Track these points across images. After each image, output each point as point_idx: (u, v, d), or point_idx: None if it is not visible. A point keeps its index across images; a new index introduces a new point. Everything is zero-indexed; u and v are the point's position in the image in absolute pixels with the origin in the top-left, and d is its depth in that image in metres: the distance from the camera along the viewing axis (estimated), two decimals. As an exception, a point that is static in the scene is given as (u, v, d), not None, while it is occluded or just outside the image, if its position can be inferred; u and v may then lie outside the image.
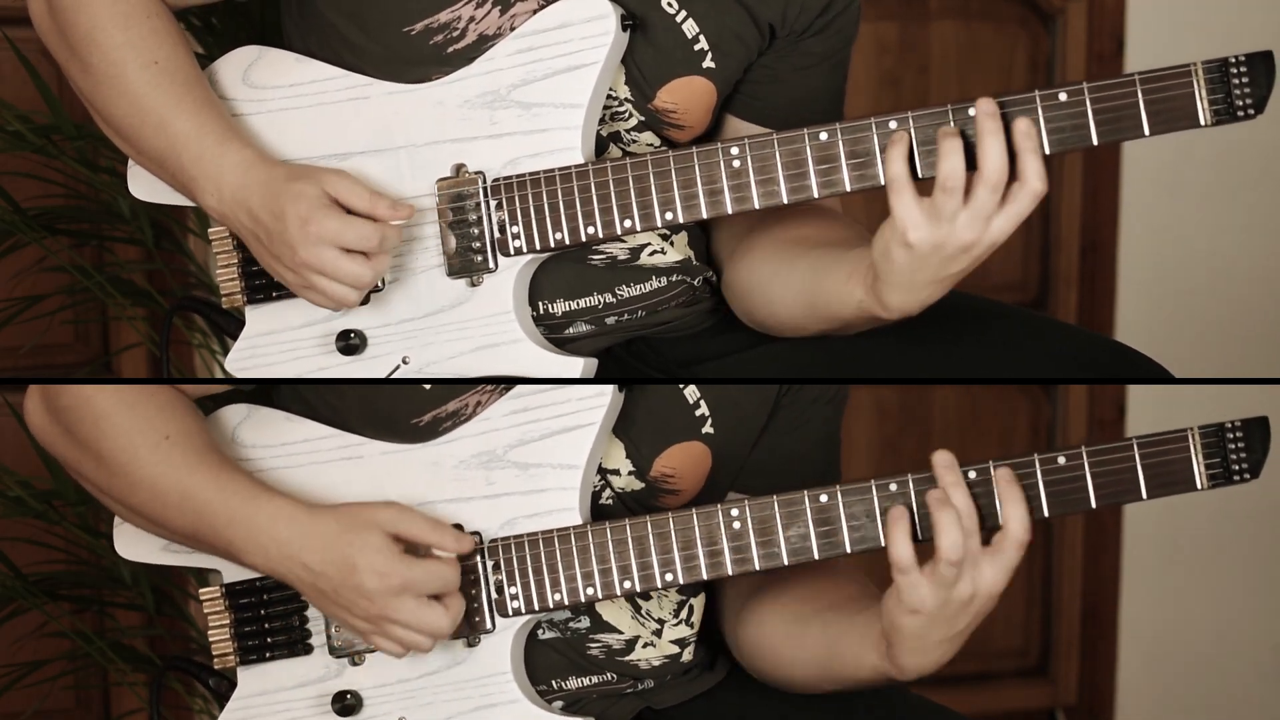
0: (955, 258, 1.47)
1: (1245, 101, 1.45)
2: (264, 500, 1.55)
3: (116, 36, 1.59)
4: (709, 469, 1.65)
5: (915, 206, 1.46)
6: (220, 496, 1.55)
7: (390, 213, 1.56)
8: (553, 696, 1.64)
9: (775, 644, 1.64)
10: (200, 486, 1.56)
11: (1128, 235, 3.13)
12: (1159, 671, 3.26)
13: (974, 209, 1.45)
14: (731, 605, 1.71)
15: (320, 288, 1.56)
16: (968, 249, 1.47)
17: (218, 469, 1.57)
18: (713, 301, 1.73)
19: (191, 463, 1.57)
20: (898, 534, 1.49)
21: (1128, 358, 1.64)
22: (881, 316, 1.54)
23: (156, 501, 1.58)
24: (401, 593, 1.51)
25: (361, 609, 1.52)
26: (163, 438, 1.58)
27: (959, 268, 1.48)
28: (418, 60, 1.60)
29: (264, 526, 1.54)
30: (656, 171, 1.56)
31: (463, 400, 1.60)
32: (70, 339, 2.74)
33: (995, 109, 1.46)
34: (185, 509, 1.56)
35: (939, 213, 1.46)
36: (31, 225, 2.23)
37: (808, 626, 1.61)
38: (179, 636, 2.48)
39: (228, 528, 1.55)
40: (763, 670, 1.67)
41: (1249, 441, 1.48)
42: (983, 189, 1.45)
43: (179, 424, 1.59)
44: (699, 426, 1.63)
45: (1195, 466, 1.48)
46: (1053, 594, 3.25)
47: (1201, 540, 3.18)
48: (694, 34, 1.62)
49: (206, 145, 1.57)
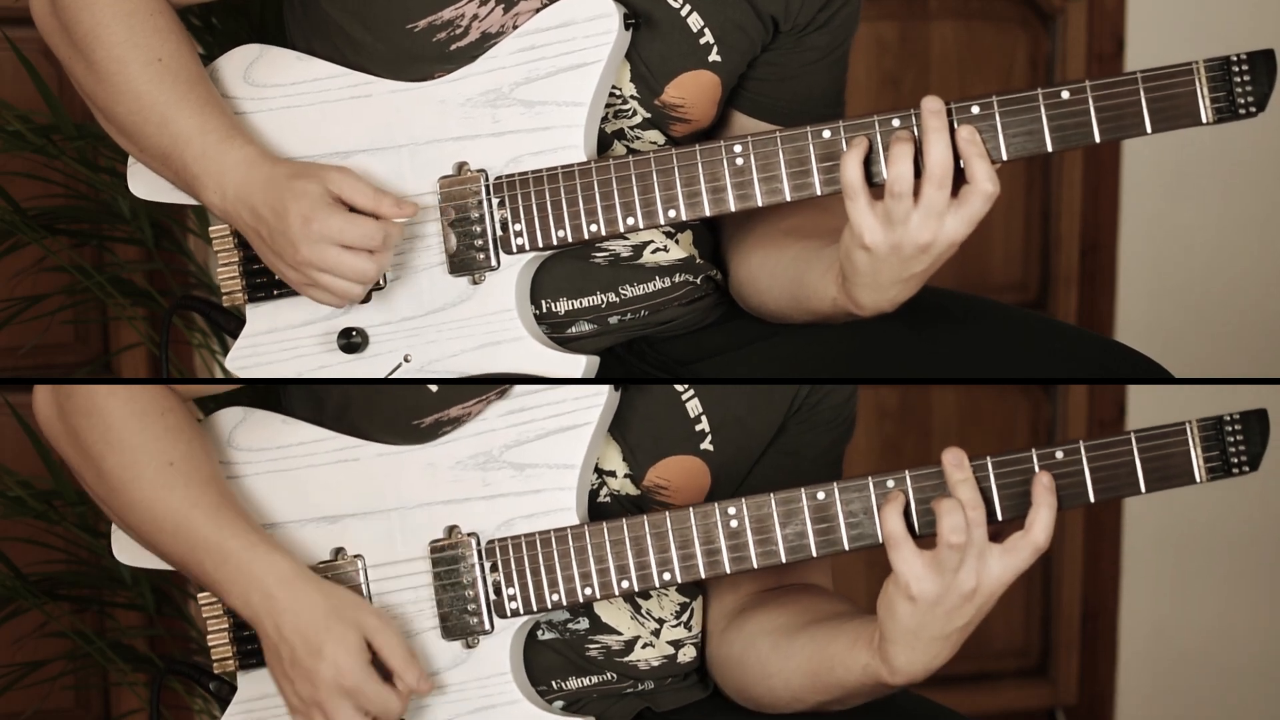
0: (915, 258, 1.50)
1: (1247, 99, 1.46)
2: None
3: (119, 34, 1.59)
4: (707, 487, 1.64)
5: (869, 212, 1.50)
6: (217, 535, 1.55)
7: (394, 210, 1.56)
8: (553, 696, 1.64)
9: (762, 656, 1.62)
10: (198, 521, 1.55)
11: (1128, 235, 3.13)
12: (1159, 671, 3.26)
13: (925, 208, 1.48)
14: (716, 624, 1.69)
15: (324, 284, 1.56)
16: (925, 249, 1.50)
17: (218, 505, 1.56)
18: (715, 299, 1.73)
19: (193, 496, 1.56)
20: (891, 512, 1.49)
21: (1128, 358, 1.64)
22: (856, 313, 1.57)
23: (151, 525, 1.57)
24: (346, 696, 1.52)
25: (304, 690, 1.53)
26: (168, 463, 1.57)
27: (921, 267, 1.51)
28: (421, 58, 1.60)
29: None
30: (659, 169, 1.56)
31: (465, 408, 1.59)
32: (70, 339, 2.74)
33: (940, 107, 1.49)
34: (179, 539, 1.56)
35: (891, 216, 1.49)
36: (31, 225, 2.23)
37: (795, 637, 1.60)
38: (179, 636, 2.47)
39: (219, 568, 1.55)
40: (746, 687, 1.65)
41: (1247, 434, 1.48)
42: (929, 186, 1.48)
43: (186, 450, 1.58)
44: (698, 441, 1.62)
45: (1194, 459, 1.49)
46: (1053, 594, 3.25)
47: (1201, 540, 3.18)
48: (699, 28, 1.62)
49: (209, 143, 1.57)
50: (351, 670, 1.52)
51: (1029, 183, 3.12)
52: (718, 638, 1.69)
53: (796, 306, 1.64)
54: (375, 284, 1.59)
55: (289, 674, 1.53)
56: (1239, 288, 3.14)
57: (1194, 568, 3.21)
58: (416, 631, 1.59)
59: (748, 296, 1.70)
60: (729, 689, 1.68)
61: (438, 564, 1.58)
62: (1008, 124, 1.50)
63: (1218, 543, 3.18)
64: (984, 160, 1.48)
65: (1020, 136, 1.50)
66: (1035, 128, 1.50)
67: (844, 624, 1.56)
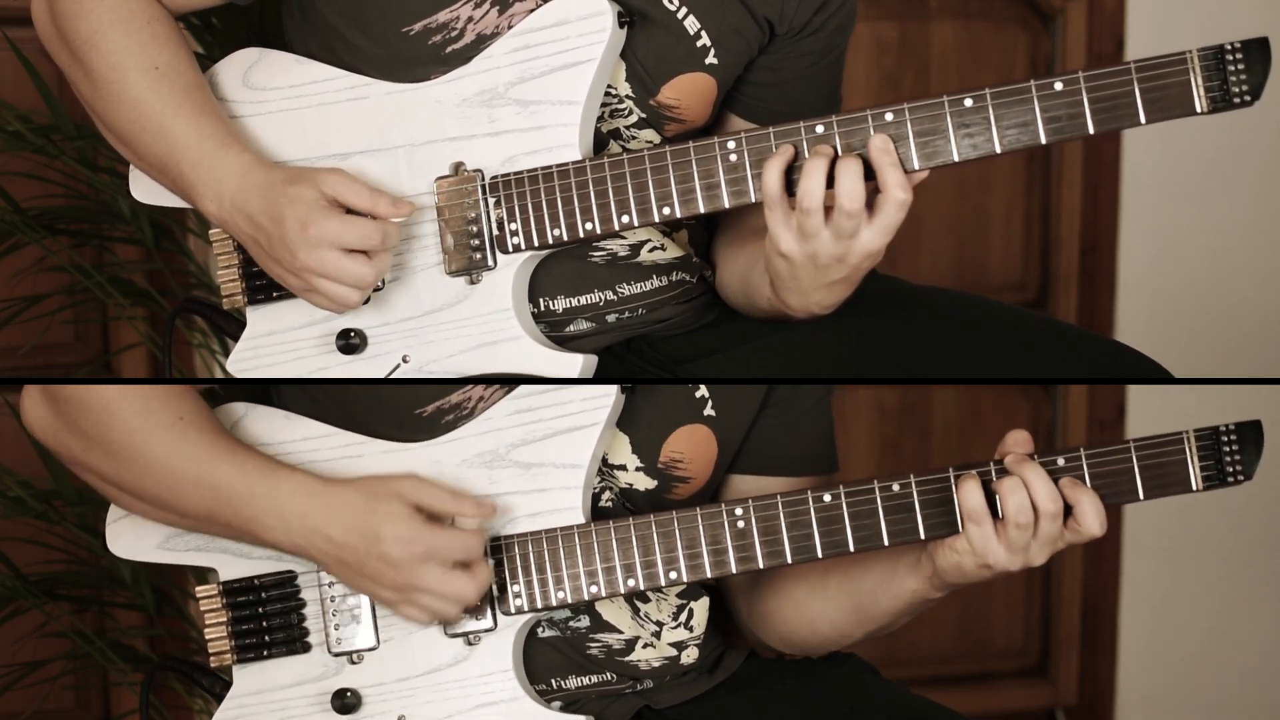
0: (831, 266, 1.53)
1: (1241, 89, 1.46)
2: (283, 475, 1.56)
3: (117, 42, 1.59)
4: (715, 455, 1.66)
5: (783, 224, 1.52)
6: (239, 473, 1.55)
7: (391, 210, 1.56)
8: (552, 696, 1.64)
9: (800, 602, 1.66)
10: (218, 465, 1.56)
11: (1128, 235, 3.13)
12: (1159, 671, 3.26)
13: (834, 228, 1.50)
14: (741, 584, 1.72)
15: (323, 290, 1.56)
16: (840, 259, 1.52)
17: (233, 448, 1.57)
18: (710, 297, 1.73)
19: (207, 442, 1.57)
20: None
21: (1128, 358, 1.64)
22: (790, 315, 1.60)
23: (172, 482, 1.57)
24: (427, 560, 1.52)
25: (388, 578, 1.53)
26: (176, 418, 1.58)
27: (840, 275, 1.53)
28: (417, 60, 1.61)
29: (284, 501, 1.54)
30: (654, 167, 1.56)
31: (465, 393, 1.60)
32: (70, 339, 2.74)
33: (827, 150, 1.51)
34: (202, 489, 1.56)
35: (804, 230, 1.51)
36: (31, 225, 2.23)
37: (829, 576, 1.64)
38: (179, 636, 2.47)
39: (247, 505, 1.55)
40: (789, 634, 1.69)
41: (1243, 444, 1.50)
42: (838, 216, 1.50)
43: (190, 405, 1.59)
44: (700, 409, 1.64)
45: (1191, 468, 1.50)
46: (1053, 594, 3.25)
47: (1201, 540, 3.18)
48: (696, 30, 1.62)
49: (206, 150, 1.58)
50: (415, 534, 1.52)
51: (1029, 183, 3.12)
52: (746, 595, 1.72)
53: (749, 304, 1.67)
54: (376, 286, 1.59)
55: (367, 574, 1.53)
56: (1239, 288, 3.14)
57: (1194, 568, 3.21)
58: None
59: (721, 290, 1.73)
60: (771, 638, 1.71)
61: (445, 562, 1.59)
62: (1001, 116, 1.50)
63: (1217, 543, 3.18)
64: (896, 169, 1.49)
65: (1014, 129, 1.50)
66: (1029, 119, 1.49)
67: (873, 558, 1.60)
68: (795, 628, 1.68)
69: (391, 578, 1.53)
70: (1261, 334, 3.14)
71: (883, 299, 1.70)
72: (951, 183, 3.06)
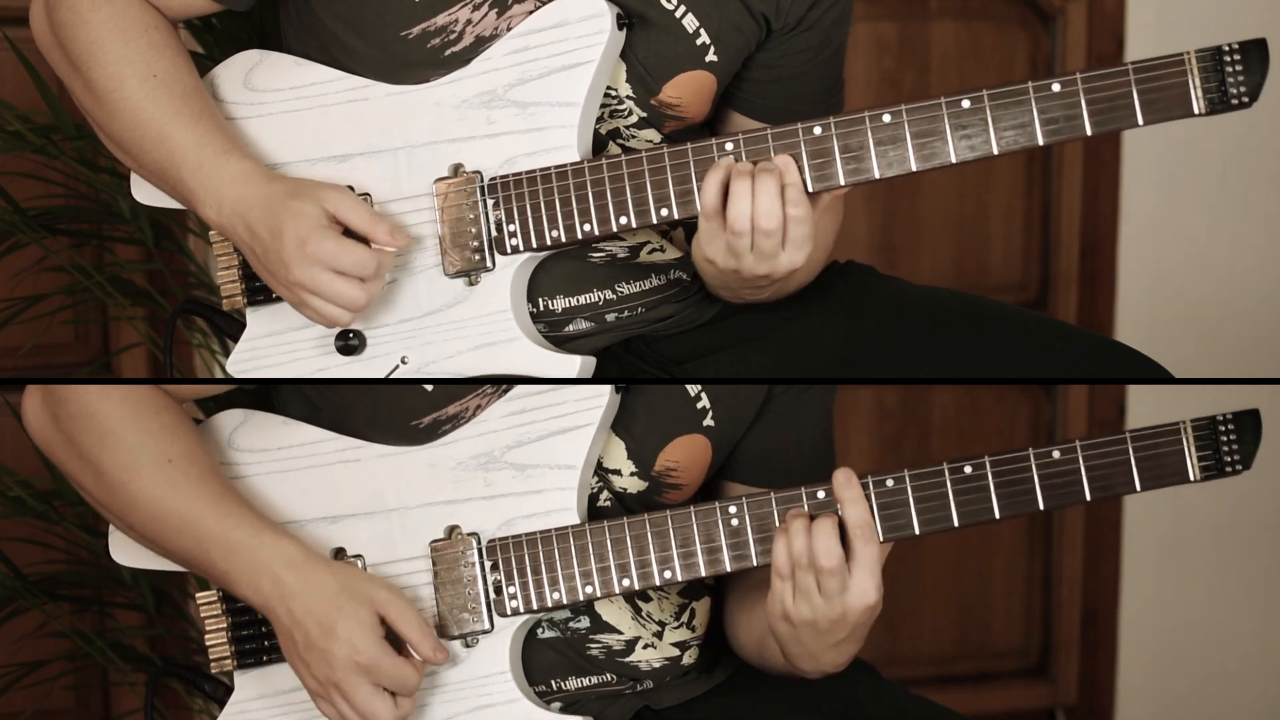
0: (756, 279, 1.55)
1: (1239, 89, 1.46)
2: (266, 537, 1.55)
3: (115, 51, 1.59)
4: (709, 461, 1.66)
5: (716, 236, 1.53)
6: (222, 527, 1.55)
7: (388, 239, 1.56)
8: (551, 697, 1.64)
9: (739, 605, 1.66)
10: (202, 514, 1.56)
11: (1128, 235, 3.12)
12: (1159, 671, 3.26)
13: (757, 251, 1.52)
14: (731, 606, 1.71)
15: (313, 305, 1.56)
16: (767, 275, 1.54)
17: (220, 497, 1.57)
18: (707, 294, 1.73)
19: (195, 489, 1.57)
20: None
21: (1128, 358, 1.64)
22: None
23: (155, 523, 1.58)
24: (363, 673, 1.52)
25: (322, 672, 1.53)
26: (166, 460, 1.57)
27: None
28: (415, 63, 1.61)
29: (265, 562, 1.54)
30: (652, 168, 1.56)
31: (463, 404, 1.60)
32: (70, 339, 2.74)
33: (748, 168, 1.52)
34: (184, 534, 1.56)
35: (733, 250, 1.53)
36: (31, 225, 2.23)
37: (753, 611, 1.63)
38: (179, 636, 2.47)
39: (226, 558, 1.55)
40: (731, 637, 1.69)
41: (1240, 433, 1.49)
42: (757, 236, 1.52)
43: (183, 446, 1.58)
44: (700, 419, 1.64)
45: (1188, 458, 1.50)
46: (1053, 594, 3.25)
47: (1201, 540, 3.18)
48: (695, 28, 1.63)
49: (206, 157, 1.58)
50: (366, 646, 1.51)
51: (1029, 183, 3.12)
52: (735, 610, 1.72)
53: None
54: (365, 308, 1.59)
55: (305, 658, 1.53)
56: (1238, 288, 3.14)
57: (1194, 568, 3.20)
58: None
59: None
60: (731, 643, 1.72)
61: (438, 563, 1.59)
62: (998, 118, 1.50)
63: (1218, 543, 3.18)
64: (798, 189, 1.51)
65: (1011, 130, 1.50)
66: (1026, 121, 1.49)
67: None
68: (734, 634, 1.69)
69: (325, 673, 1.53)
70: (1261, 334, 3.14)
71: (883, 299, 1.70)
72: (951, 183, 3.07)
